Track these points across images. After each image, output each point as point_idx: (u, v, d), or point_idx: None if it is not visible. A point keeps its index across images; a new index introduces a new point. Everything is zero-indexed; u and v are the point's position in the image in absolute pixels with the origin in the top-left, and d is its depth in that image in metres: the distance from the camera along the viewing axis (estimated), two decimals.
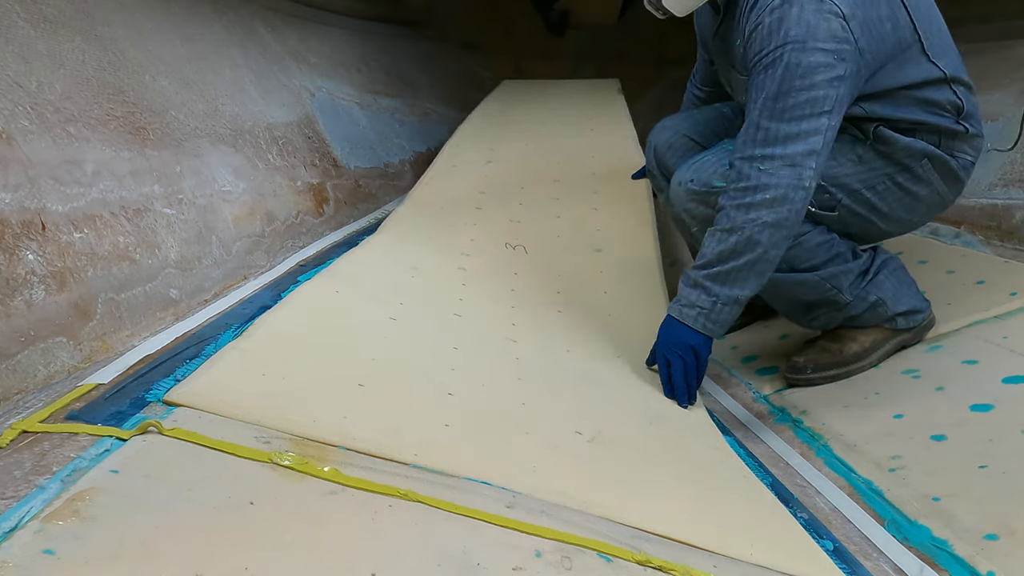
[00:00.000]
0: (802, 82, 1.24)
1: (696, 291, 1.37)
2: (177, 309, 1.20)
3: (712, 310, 1.35)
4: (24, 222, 0.96)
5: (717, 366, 1.86)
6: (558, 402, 1.20)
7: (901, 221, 1.50)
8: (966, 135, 1.42)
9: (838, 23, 1.24)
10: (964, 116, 1.41)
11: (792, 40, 1.24)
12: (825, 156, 1.28)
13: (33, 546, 0.58)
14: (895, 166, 1.42)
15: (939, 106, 1.39)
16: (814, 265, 1.44)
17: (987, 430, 1.20)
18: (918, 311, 1.52)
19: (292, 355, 1.03)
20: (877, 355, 1.52)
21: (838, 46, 1.24)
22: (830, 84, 1.24)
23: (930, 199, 1.46)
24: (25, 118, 1.04)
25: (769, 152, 1.27)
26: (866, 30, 1.28)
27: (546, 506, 0.86)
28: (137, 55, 1.40)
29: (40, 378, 0.91)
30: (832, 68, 1.24)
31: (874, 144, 1.41)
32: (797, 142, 1.25)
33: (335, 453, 0.83)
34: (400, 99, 2.85)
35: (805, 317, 1.55)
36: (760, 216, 1.28)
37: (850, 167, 1.41)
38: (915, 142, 1.39)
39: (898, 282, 1.51)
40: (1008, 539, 0.98)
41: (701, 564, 0.85)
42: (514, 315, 1.57)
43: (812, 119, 1.25)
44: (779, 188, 1.26)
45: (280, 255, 1.58)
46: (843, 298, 1.47)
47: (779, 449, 1.38)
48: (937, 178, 1.43)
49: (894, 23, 1.34)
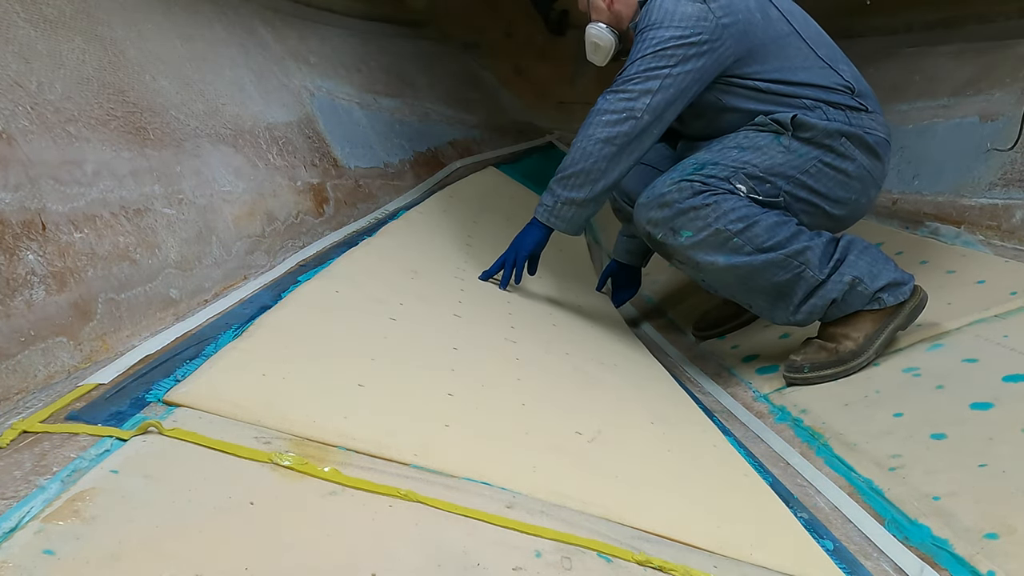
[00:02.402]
0: (654, 46, 1.54)
1: (547, 193, 1.68)
2: (177, 309, 1.20)
3: (555, 207, 1.66)
4: (24, 222, 0.96)
5: (717, 365, 1.86)
6: (558, 402, 1.21)
7: (842, 201, 1.62)
8: (868, 112, 1.61)
9: (696, 7, 1.53)
10: (858, 95, 1.61)
11: (653, 22, 1.55)
12: (661, 98, 1.54)
13: (33, 546, 0.58)
14: (820, 149, 1.57)
15: (832, 86, 1.59)
16: (777, 243, 1.52)
17: (987, 429, 1.20)
18: (900, 283, 1.53)
19: (292, 355, 1.03)
20: (873, 348, 1.52)
21: (696, 23, 1.52)
22: (678, 47, 1.52)
23: (859, 174, 1.60)
24: (25, 118, 1.04)
25: (614, 88, 1.57)
26: (730, 11, 1.54)
27: (546, 506, 0.86)
28: (137, 55, 1.40)
29: (40, 378, 0.91)
30: (685, 38, 1.52)
31: (795, 134, 1.58)
32: (638, 83, 1.54)
33: (335, 453, 0.83)
34: (400, 99, 2.85)
35: (786, 308, 1.57)
36: (595, 133, 1.58)
37: (781, 157, 1.57)
38: (831, 123, 1.57)
39: (871, 259, 1.54)
40: (1008, 538, 0.98)
41: (701, 564, 0.85)
42: (513, 317, 1.57)
43: (656, 69, 1.53)
44: (614, 112, 1.56)
45: (280, 255, 1.58)
46: (813, 275, 1.51)
47: (779, 448, 1.38)
48: (858, 153, 1.59)
49: (764, 15, 1.60)
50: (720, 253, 1.53)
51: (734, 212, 1.51)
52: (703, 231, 1.53)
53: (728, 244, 1.52)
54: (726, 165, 1.56)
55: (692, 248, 1.55)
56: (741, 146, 1.60)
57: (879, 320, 1.53)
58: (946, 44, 2.47)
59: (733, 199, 1.52)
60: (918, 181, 2.20)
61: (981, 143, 2.05)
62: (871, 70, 2.71)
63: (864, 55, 2.80)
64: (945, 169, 2.13)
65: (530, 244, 1.72)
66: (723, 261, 1.53)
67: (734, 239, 1.51)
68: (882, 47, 2.76)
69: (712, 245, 1.53)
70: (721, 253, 1.53)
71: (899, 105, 2.45)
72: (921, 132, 2.29)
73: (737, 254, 1.52)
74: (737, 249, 1.52)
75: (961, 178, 2.05)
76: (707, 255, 1.54)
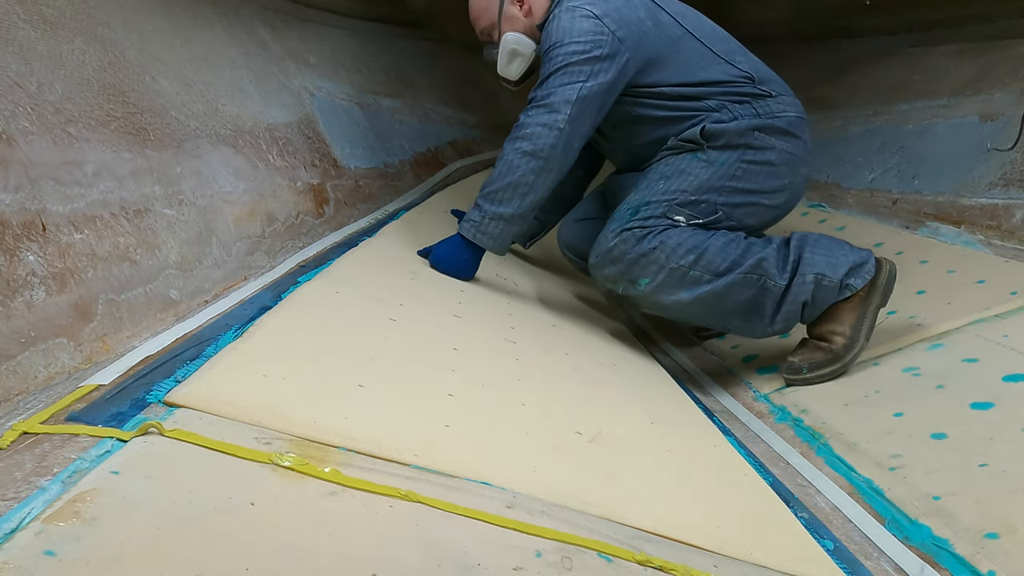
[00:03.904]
0: (561, 63, 1.57)
1: (473, 209, 1.66)
2: (177, 310, 1.20)
3: (482, 223, 1.64)
4: (25, 223, 0.96)
5: (717, 365, 1.86)
6: (558, 402, 1.21)
7: (777, 189, 1.64)
8: (772, 96, 1.65)
9: (591, 22, 1.57)
10: (760, 82, 1.65)
11: (555, 41, 1.59)
12: (579, 109, 1.56)
13: (34, 547, 0.58)
14: (737, 150, 1.61)
15: (732, 79, 1.63)
16: (733, 263, 1.53)
17: (987, 428, 1.20)
18: (861, 263, 1.54)
19: (292, 356, 1.03)
20: (862, 334, 1.53)
21: (594, 37, 1.56)
22: (585, 62, 1.56)
23: (782, 159, 1.63)
24: (25, 119, 1.04)
25: (534, 104, 1.60)
26: (623, 24, 1.58)
27: (546, 506, 0.87)
28: (137, 56, 1.40)
29: (41, 379, 0.91)
30: (588, 52, 1.56)
31: (710, 145, 1.62)
32: (556, 96, 1.57)
33: (335, 454, 0.83)
34: (400, 99, 2.85)
35: (762, 322, 1.59)
36: (520, 146, 1.58)
37: (705, 173, 1.61)
38: (739, 122, 1.61)
39: (825, 250, 1.55)
40: (1009, 538, 0.98)
41: (701, 564, 0.85)
42: (513, 318, 1.57)
43: (570, 84, 1.56)
44: (536, 125, 1.57)
45: (280, 256, 1.58)
46: (776, 283, 1.53)
47: (779, 448, 1.38)
48: (774, 140, 1.62)
49: (655, 22, 1.64)
50: (682, 289, 1.56)
51: (682, 247, 1.54)
52: (659, 274, 1.56)
53: (686, 279, 1.55)
54: (658, 201, 1.59)
55: (655, 293, 1.58)
56: (665, 175, 1.63)
57: (857, 307, 1.54)
58: (946, 44, 2.47)
59: (677, 233, 1.55)
60: (918, 181, 2.20)
61: (981, 143, 2.05)
62: (871, 70, 2.71)
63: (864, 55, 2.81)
64: (945, 169, 2.13)
65: (462, 272, 1.67)
66: (687, 296, 1.56)
67: (691, 272, 1.54)
68: (882, 47, 2.76)
69: (672, 285, 1.56)
70: (683, 289, 1.56)
71: (899, 105, 2.45)
72: (921, 132, 2.29)
73: (698, 285, 1.55)
74: (696, 281, 1.55)
75: (961, 178, 2.05)
76: (670, 295, 1.57)
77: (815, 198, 2.53)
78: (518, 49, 1.76)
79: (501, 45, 1.77)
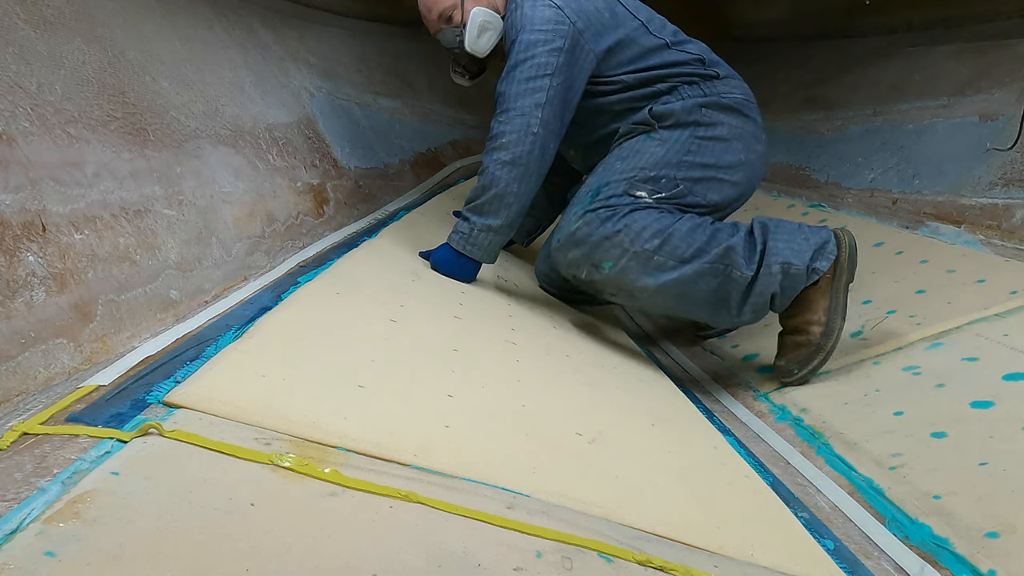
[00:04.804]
0: (526, 54, 1.59)
1: (461, 221, 1.68)
2: (177, 310, 1.20)
3: (470, 235, 1.65)
4: (25, 223, 0.96)
5: (717, 364, 1.86)
6: (558, 403, 1.21)
7: (734, 165, 1.67)
8: (720, 79, 1.71)
9: (552, 11, 1.61)
10: (709, 64, 1.72)
11: (519, 29, 1.62)
12: (550, 111, 1.59)
13: (34, 548, 0.58)
14: (688, 128, 1.66)
15: (682, 61, 1.70)
16: (699, 249, 1.53)
17: (988, 427, 1.20)
18: (824, 243, 1.54)
19: (292, 356, 1.03)
20: (838, 316, 1.53)
21: (555, 26, 1.60)
22: (550, 53, 1.58)
23: (733, 134, 1.68)
24: (26, 119, 1.04)
25: (505, 107, 1.61)
26: (582, 15, 1.63)
27: (547, 507, 0.87)
28: (137, 56, 1.40)
29: (40, 380, 0.91)
30: (550, 42, 1.59)
31: (660, 125, 1.67)
32: (526, 97, 1.58)
33: (335, 454, 0.83)
34: (400, 99, 2.85)
35: (728, 312, 1.58)
36: (499, 156, 1.61)
37: (659, 151, 1.64)
38: (686, 101, 1.67)
39: (788, 235, 1.54)
40: (1009, 537, 0.98)
41: (701, 564, 0.85)
42: (514, 319, 1.57)
43: (537, 79, 1.58)
44: (511, 133, 1.59)
45: (280, 256, 1.58)
46: (743, 273, 1.52)
47: (779, 448, 1.38)
48: (722, 116, 1.68)
49: (612, 13, 1.69)
50: (646, 275, 1.55)
51: (647, 230, 1.53)
52: (623, 257, 1.55)
53: (651, 263, 1.54)
54: (618, 180, 1.61)
55: (618, 277, 1.57)
56: (622, 157, 1.66)
57: (827, 289, 1.53)
58: (946, 43, 2.47)
59: (642, 215, 1.55)
60: (918, 181, 2.20)
61: (981, 143, 2.05)
62: (871, 70, 2.71)
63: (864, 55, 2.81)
64: (945, 169, 2.13)
65: (463, 274, 1.69)
66: (652, 283, 1.55)
67: (655, 257, 1.53)
68: (882, 47, 2.76)
69: (636, 270, 1.55)
70: (647, 274, 1.55)
71: (899, 105, 2.45)
72: (921, 132, 2.29)
73: (662, 271, 1.54)
74: (661, 266, 1.54)
75: (961, 178, 2.05)
76: (635, 280, 1.56)
77: (815, 198, 2.52)
78: (488, 22, 1.74)
79: (470, 20, 1.73)
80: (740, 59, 2.07)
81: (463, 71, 1.89)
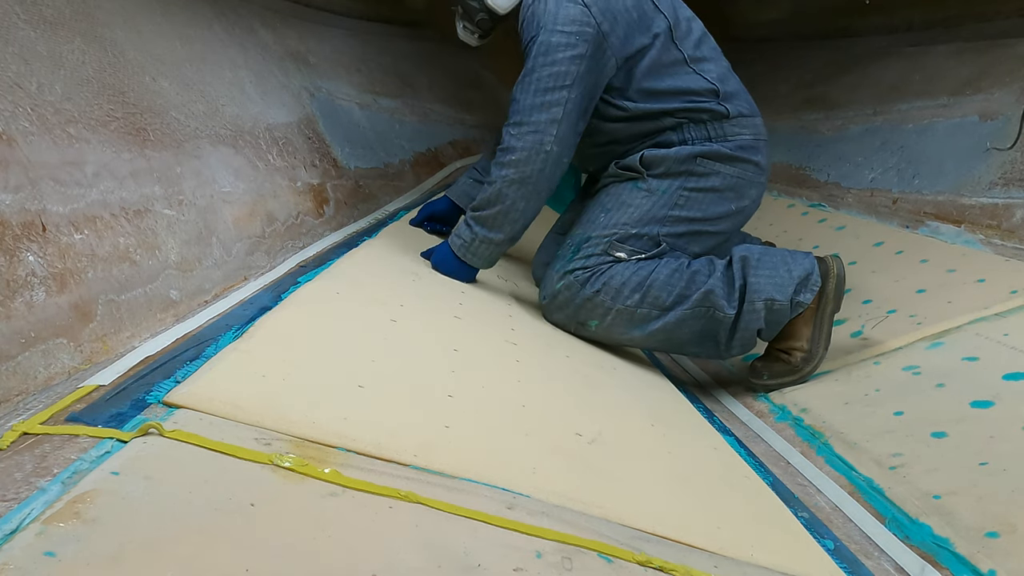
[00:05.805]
0: (546, 59, 1.48)
1: (464, 226, 1.62)
2: (177, 310, 1.20)
3: (471, 244, 1.60)
4: (25, 223, 0.96)
5: (717, 364, 1.86)
6: (558, 404, 1.20)
7: (722, 216, 1.61)
8: (730, 118, 1.59)
9: (578, 9, 1.48)
10: (723, 98, 1.58)
11: (540, 26, 1.49)
12: (567, 126, 1.50)
13: (34, 548, 0.58)
14: (678, 178, 1.58)
15: (695, 90, 1.58)
16: (679, 295, 1.52)
17: (988, 427, 1.20)
18: (807, 276, 1.52)
19: (292, 356, 1.03)
20: (821, 344, 1.54)
21: (580, 28, 1.48)
22: (571, 61, 1.48)
23: (728, 183, 1.59)
24: (25, 119, 1.04)
25: (519, 119, 1.51)
26: (608, 15, 1.51)
27: (547, 507, 0.87)
28: (137, 56, 1.40)
29: (40, 380, 0.91)
30: (573, 47, 1.48)
31: (649, 173, 1.59)
32: (542, 111, 1.49)
33: (335, 454, 0.83)
34: (400, 99, 2.85)
35: (716, 349, 1.59)
36: (508, 174, 1.52)
37: (646, 203, 1.58)
38: (681, 149, 1.57)
39: (770, 269, 1.53)
40: (1009, 537, 0.98)
41: (701, 564, 0.85)
42: (514, 319, 1.57)
43: (555, 92, 1.48)
44: (523, 151, 1.50)
45: (280, 256, 1.58)
46: (726, 314, 1.51)
47: (779, 448, 1.38)
48: (719, 166, 1.58)
49: (640, 13, 1.57)
50: (633, 327, 1.57)
51: (626, 286, 1.54)
52: (607, 316, 1.57)
53: (635, 317, 1.55)
54: (599, 237, 1.59)
55: (606, 332, 1.59)
56: (606, 207, 1.62)
57: (811, 319, 1.54)
58: (946, 43, 2.47)
59: (620, 270, 1.55)
60: (918, 180, 2.20)
61: (981, 142, 2.05)
62: (871, 70, 2.71)
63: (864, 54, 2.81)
64: (945, 168, 2.13)
65: (463, 274, 1.66)
66: (639, 333, 1.57)
67: (638, 311, 1.55)
68: (882, 46, 2.76)
69: (622, 324, 1.57)
70: (634, 327, 1.57)
71: (899, 105, 2.45)
72: (921, 132, 2.29)
73: (647, 322, 1.55)
74: (645, 318, 1.55)
75: (961, 177, 2.05)
76: (623, 333, 1.58)
77: (815, 198, 2.53)
78: None
79: None
80: (740, 59, 2.07)
81: (474, 28, 1.74)
